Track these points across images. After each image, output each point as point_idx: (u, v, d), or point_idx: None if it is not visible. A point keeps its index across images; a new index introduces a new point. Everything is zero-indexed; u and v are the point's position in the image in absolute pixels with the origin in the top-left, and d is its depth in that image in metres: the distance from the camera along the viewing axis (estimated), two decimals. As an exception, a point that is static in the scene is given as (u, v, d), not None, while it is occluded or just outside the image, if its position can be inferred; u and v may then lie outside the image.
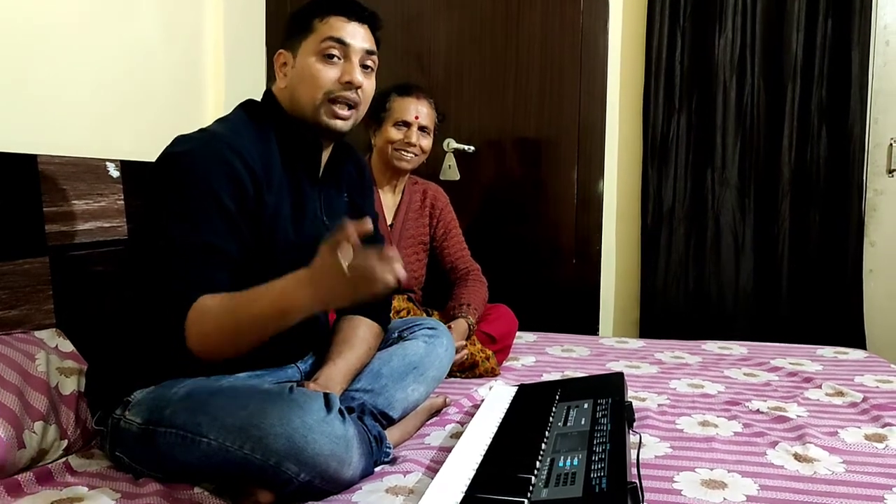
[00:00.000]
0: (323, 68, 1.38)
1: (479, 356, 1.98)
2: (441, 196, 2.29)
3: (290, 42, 1.42)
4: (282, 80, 1.43)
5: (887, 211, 2.67)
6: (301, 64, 1.39)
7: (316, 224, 1.45)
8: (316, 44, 1.38)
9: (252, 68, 2.75)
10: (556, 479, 1.12)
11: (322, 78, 1.38)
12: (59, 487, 1.24)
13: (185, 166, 1.27)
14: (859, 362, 2.14)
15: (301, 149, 1.44)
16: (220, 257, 1.26)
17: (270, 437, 1.14)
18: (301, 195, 1.43)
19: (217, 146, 1.29)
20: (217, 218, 1.26)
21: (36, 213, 1.63)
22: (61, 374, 1.45)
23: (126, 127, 2.09)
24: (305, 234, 1.40)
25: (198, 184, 1.25)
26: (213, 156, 1.27)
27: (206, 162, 1.27)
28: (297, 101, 1.41)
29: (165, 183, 1.28)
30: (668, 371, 2.04)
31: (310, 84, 1.38)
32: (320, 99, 1.39)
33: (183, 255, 1.24)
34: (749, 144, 2.64)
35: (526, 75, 2.74)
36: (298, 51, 1.40)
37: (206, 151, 1.28)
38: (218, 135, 1.32)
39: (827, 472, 1.31)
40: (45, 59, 1.82)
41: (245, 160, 1.30)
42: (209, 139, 1.31)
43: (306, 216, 1.43)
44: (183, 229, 1.24)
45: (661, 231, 2.70)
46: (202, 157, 1.27)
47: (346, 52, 1.39)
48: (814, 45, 2.57)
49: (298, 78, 1.40)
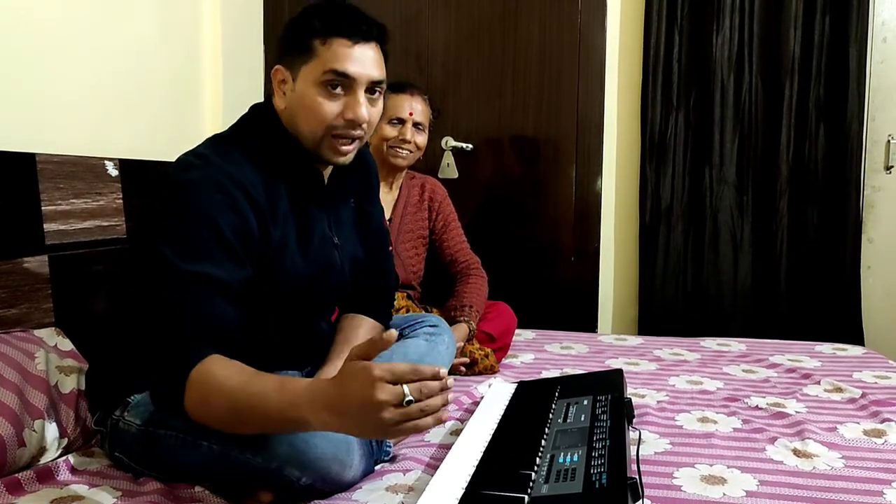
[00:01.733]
0: (324, 102, 1.25)
1: (478, 354, 1.98)
2: (439, 189, 2.29)
3: (288, 59, 1.28)
4: (280, 98, 1.30)
5: (885, 208, 2.68)
6: (301, 90, 1.26)
7: (325, 245, 1.40)
8: (317, 73, 1.24)
9: (250, 67, 2.75)
10: (557, 475, 1.12)
11: (323, 112, 1.25)
12: (60, 486, 1.24)
13: (188, 198, 1.18)
14: (858, 358, 2.14)
15: (305, 171, 1.36)
16: (223, 290, 1.17)
17: (272, 440, 1.13)
18: (307, 219, 1.36)
19: (221, 181, 1.19)
20: (219, 250, 1.17)
21: (35, 211, 1.63)
22: (61, 373, 1.45)
23: (125, 126, 2.09)
24: (313, 258, 1.36)
25: (200, 217, 1.17)
26: (216, 190, 1.19)
27: (210, 196, 1.18)
28: (296, 128, 1.29)
29: (169, 210, 1.20)
30: (667, 368, 2.04)
31: (310, 116, 1.26)
32: (321, 133, 1.27)
33: (186, 292, 1.13)
34: (747, 142, 2.65)
35: (524, 74, 2.74)
36: (298, 74, 1.26)
37: (210, 185, 1.19)
38: (222, 166, 1.21)
39: (826, 467, 1.32)
40: (44, 57, 1.82)
41: (249, 194, 1.21)
42: (213, 172, 1.20)
43: (313, 240, 1.37)
44: (185, 261, 1.15)
45: (660, 229, 2.70)
46: (206, 190, 1.18)
47: (351, 84, 1.25)
48: (811, 42, 2.57)
49: (298, 104, 1.27)
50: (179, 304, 1.13)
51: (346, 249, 1.46)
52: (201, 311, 1.14)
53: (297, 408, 1.01)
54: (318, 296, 1.43)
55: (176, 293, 1.14)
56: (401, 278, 2.13)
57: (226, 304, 1.16)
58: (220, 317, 1.15)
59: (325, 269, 1.40)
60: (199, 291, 1.14)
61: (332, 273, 1.42)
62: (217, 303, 1.15)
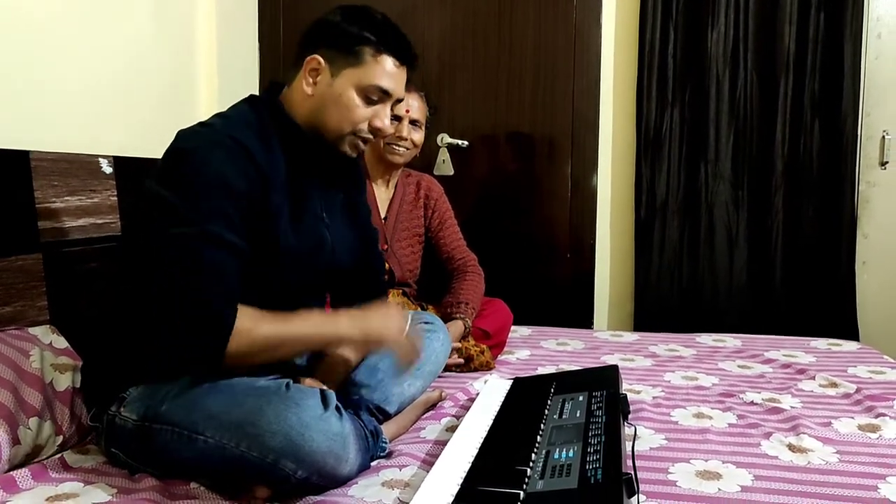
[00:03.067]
0: (361, 107, 1.36)
1: (473, 350, 1.98)
2: (435, 187, 2.29)
3: (329, 53, 1.35)
4: (308, 86, 1.36)
5: (880, 203, 2.68)
6: (340, 89, 1.35)
7: (316, 223, 1.44)
8: (362, 81, 1.35)
9: (244, 65, 2.75)
10: (552, 470, 1.13)
11: (357, 116, 1.37)
12: (55, 483, 1.24)
13: (197, 162, 1.22)
14: (852, 354, 2.15)
15: (304, 152, 1.40)
16: (238, 254, 1.23)
17: (267, 434, 1.14)
18: (302, 195, 1.40)
19: (227, 142, 1.24)
20: (234, 214, 1.23)
21: (29, 209, 1.62)
22: (56, 371, 1.44)
23: (119, 123, 2.09)
24: (304, 233, 1.39)
25: (211, 180, 1.21)
26: (223, 152, 1.23)
27: (218, 157, 1.22)
28: (319, 119, 1.37)
29: (177, 180, 1.22)
30: (663, 364, 2.05)
31: (343, 115, 1.36)
32: (347, 132, 1.38)
33: (204, 257, 1.19)
34: (742, 138, 2.65)
35: (519, 70, 2.74)
36: (340, 72, 1.35)
37: (217, 147, 1.23)
38: (225, 130, 1.27)
39: (821, 462, 1.32)
40: (39, 55, 1.81)
41: (253, 157, 1.26)
42: (217, 135, 1.25)
43: (306, 217, 1.40)
44: (201, 225, 1.19)
45: (655, 224, 2.70)
46: (214, 153, 1.22)
47: (385, 98, 1.39)
48: (806, 38, 2.57)
49: (332, 100, 1.35)
50: (198, 263, 1.19)
51: (336, 231, 1.49)
52: (219, 269, 1.20)
53: (335, 321, 1.32)
54: (308, 272, 1.43)
55: (193, 253, 1.19)
56: (397, 276, 2.13)
57: (236, 266, 1.23)
58: (233, 274, 1.22)
59: (316, 246, 1.43)
60: (216, 251, 1.20)
61: (322, 250, 1.44)
62: (230, 263, 1.22)
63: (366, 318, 1.36)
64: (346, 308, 1.55)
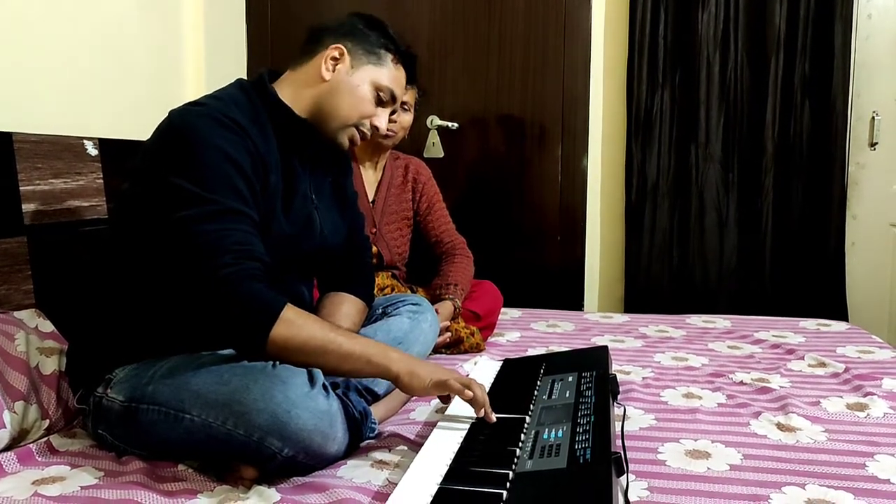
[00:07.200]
0: (371, 102, 1.43)
1: (463, 332, 1.98)
2: (423, 170, 2.28)
3: (355, 47, 1.41)
4: (327, 70, 1.40)
5: (869, 184, 2.69)
6: (359, 81, 1.41)
7: (306, 204, 1.45)
8: (381, 82, 1.42)
9: (232, 44, 2.71)
10: (541, 450, 1.13)
11: (367, 109, 1.42)
12: (41, 467, 1.23)
13: (201, 141, 1.22)
14: (841, 334, 2.16)
15: (295, 137, 1.41)
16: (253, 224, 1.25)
17: (253, 412, 1.13)
18: (293, 177, 1.41)
19: (224, 121, 1.25)
20: (243, 185, 1.24)
21: (12, 191, 1.60)
22: (41, 354, 1.43)
23: (104, 104, 2.06)
24: (294, 214, 1.40)
25: (217, 152, 1.22)
26: (224, 130, 1.24)
27: (220, 135, 1.23)
28: (330, 103, 1.40)
29: (183, 160, 1.22)
30: (653, 345, 2.05)
31: (354, 105, 1.41)
32: (353, 121, 1.42)
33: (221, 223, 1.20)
34: (733, 119, 2.65)
35: (509, 52, 2.72)
36: (362, 66, 1.41)
37: (218, 126, 1.24)
38: (221, 110, 1.27)
39: (809, 440, 1.33)
40: (20, 34, 1.78)
41: (250, 137, 1.28)
42: (215, 113, 1.25)
43: (296, 198, 1.41)
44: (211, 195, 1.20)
45: (646, 207, 2.70)
46: (216, 131, 1.23)
47: (390, 102, 1.46)
48: (797, 18, 2.57)
49: (348, 89, 1.40)
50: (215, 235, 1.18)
51: (324, 213, 1.50)
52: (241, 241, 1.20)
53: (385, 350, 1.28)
54: (297, 252, 1.43)
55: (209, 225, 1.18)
56: (385, 259, 2.12)
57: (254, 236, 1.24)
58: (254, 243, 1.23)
59: (305, 227, 1.44)
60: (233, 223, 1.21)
61: (311, 231, 1.45)
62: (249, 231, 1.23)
63: (415, 361, 1.30)
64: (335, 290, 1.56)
